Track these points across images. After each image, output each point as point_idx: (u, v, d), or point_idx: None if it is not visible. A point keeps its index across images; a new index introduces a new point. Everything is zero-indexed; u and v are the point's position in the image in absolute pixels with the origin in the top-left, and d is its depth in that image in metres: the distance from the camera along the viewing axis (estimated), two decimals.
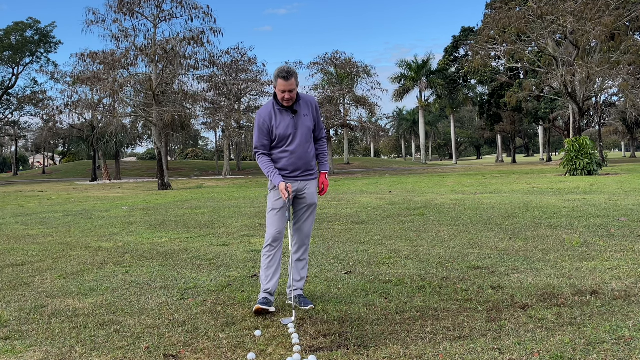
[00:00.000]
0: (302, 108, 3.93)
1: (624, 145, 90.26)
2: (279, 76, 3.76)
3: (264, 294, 3.88)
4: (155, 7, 26.68)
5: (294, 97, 3.83)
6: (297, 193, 3.98)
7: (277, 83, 3.77)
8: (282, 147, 3.91)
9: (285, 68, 3.79)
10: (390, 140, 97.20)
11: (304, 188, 3.99)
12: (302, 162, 3.95)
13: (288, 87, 3.76)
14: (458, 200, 11.62)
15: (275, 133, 3.87)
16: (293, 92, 3.80)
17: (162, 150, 26.86)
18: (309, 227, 4.06)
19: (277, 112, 3.89)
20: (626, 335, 3.07)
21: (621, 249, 5.51)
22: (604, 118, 50.83)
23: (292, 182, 3.93)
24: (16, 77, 46.68)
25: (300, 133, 3.91)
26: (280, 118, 3.87)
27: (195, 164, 65.58)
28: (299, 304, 3.88)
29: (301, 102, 3.94)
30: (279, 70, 3.78)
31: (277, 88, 3.80)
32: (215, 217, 10.30)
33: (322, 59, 42.61)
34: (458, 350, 2.97)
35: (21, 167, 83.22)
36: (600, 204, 9.72)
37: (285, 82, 3.75)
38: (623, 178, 17.91)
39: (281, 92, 3.78)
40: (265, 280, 3.91)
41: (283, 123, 3.87)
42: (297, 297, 3.93)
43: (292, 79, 3.76)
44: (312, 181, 4.04)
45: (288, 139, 3.89)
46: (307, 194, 4.01)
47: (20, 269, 5.69)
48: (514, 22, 29.99)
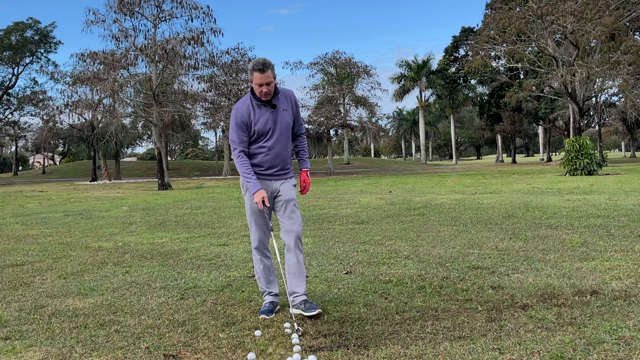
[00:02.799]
0: (281, 102, 3.76)
1: (624, 145, 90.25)
2: (254, 69, 3.58)
3: (270, 298, 3.84)
4: (155, 7, 26.71)
5: (271, 91, 3.65)
6: (273, 194, 3.81)
7: (253, 76, 3.60)
8: (260, 143, 3.73)
9: (261, 60, 3.60)
10: (390, 140, 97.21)
11: (278, 188, 3.81)
12: (279, 160, 3.78)
13: (265, 80, 3.58)
14: (458, 200, 11.62)
15: (253, 129, 3.69)
16: (270, 84, 3.62)
17: (162, 150, 26.87)
18: (296, 225, 3.78)
19: (255, 107, 3.70)
20: (626, 335, 3.07)
21: (621, 249, 5.51)
22: (604, 118, 50.83)
23: (266, 181, 3.77)
24: (16, 77, 46.70)
25: (280, 129, 3.73)
26: (259, 113, 3.69)
27: (195, 164, 65.57)
28: (305, 310, 3.64)
29: (280, 96, 3.76)
30: (254, 62, 3.61)
31: (253, 82, 3.62)
32: (215, 217, 10.30)
33: (322, 59, 42.61)
34: (458, 350, 2.97)
35: (21, 167, 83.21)
36: (600, 204, 9.72)
37: (261, 74, 3.57)
38: (623, 178, 17.91)
39: (258, 85, 3.60)
40: (266, 283, 3.86)
41: (262, 118, 3.69)
42: (302, 302, 3.70)
43: (268, 71, 3.58)
44: (288, 180, 3.85)
45: (267, 135, 3.71)
46: (283, 191, 3.81)
47: (20, 269, 5.69)
48: (514, 22, 30.00)
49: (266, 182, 3.78)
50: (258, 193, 3.63)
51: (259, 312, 3.77)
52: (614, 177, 18.70)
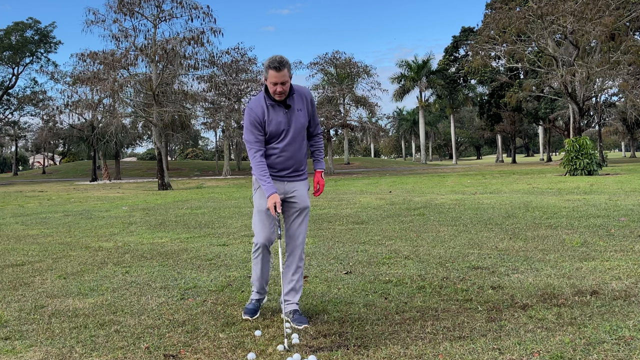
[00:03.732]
0: (295, 102, 3.57)
1: (624, 145, 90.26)
2: (269, 67, 3.39)
3: (257, 296, 3.79)
4: (155, 7, 26.72)
5: (286, 91, 3.45)
6: (285, 196, 3.65)
7: (268, 74, 3.40)
8: (272, 144, 3.57)
9: (277, 58, 3.41)
10: (390, 140, 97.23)
11: (292, 190, 3.65)
12: (292, 162, 3.61)
13: (280, 79, 3.39)
14: (458, 200, 11.62)
15: (267, 129, 3.52)
16: (286, 84, 3.43)
17: (162, 150, 26.86)
18: (303, 233, 3.68)
19: (269, 107, 3.52)
20: (626, 335, 3.07)
21: (621, 249, 5.51)
22: (604, 118, 50.82)
23: (278, 182, 3.62)
24: (16, 77, 46.70)
25: (294, 130, 3.56)
26: (272, 113, 3.51)
27: (195, 164, 65.57)
28: (292, 321, 3.50)
29: (295, 95, 3.56)
30: (270, 60, 3.41)
31: (268, 80, 3.42)
32: (215, 217, 10.30)
33: (322, 59, 42.65)
34: (458, 350, 2.97)
35: (21, 167, 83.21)
36: (600, 204, 9.72)
37: (277, 73, 3.38)
38: (623, 178, 17.91)
39: (272, 84, 3.41)
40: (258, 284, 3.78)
41: (275, 119, 3.52)
42: (292, 312, 3.57)
43: (284, 70, 3.38)
44: (301, 182, 3.68)
45: (280, 136, 3.55)
46: (297, 196, 3.65)
47: (20, 269, 5.69)
48: (514, 22, 30.00)
49: (277, 184, 3.62)
50: (272, 197, 3.46)
51: (244, 310, 3.74)
52: (614, 177, 18.70)
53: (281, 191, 3.63)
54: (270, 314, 3.81)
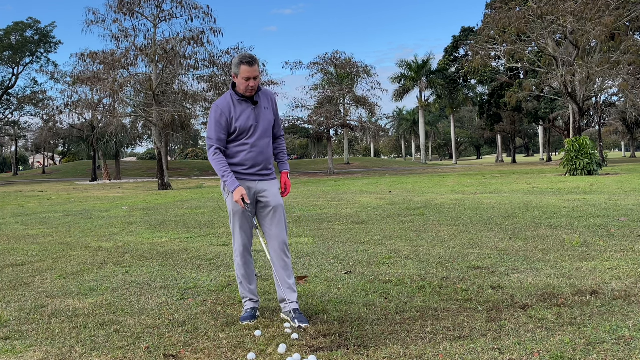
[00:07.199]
0: (262, 100, 3.70)
1: (624, 145, 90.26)
2: (242, 62, 3.52)
3: (251, 304, 3.74)
4: (155, 7, 26.71)
5: (256, 86, 3.60)
6: (257, 196, 3.68)
7: (240, 70, 3.53)
8: (242, 140, 3.62)
9: (247, 54, 3.57)
10: (390, 140, 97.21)
11: (263, 190, 3.68)
12: (262, 158, 3.67)
13: (253, 74, 3.53)
14: (458, 200, 11.62)
15: (234, 125, 3.58)
16: (257, 79, 3.57)
17: (162, 150, 26.87)
18: (283, 231, 3.68)
19: (236, 103, 3.62)
20: (626, 335, 3.07)
21: (621, 249, 5.51)
22: (604, 118, 50.80)
23: (249, 182, 3.64)
24: (16, 77, 46.69)
25: (262, 126, 3.65)
26: (240, 109, 3.61)
27: (195, 164, 65.56)
28: (292, 320, 3.51)
29: (261, 94, 3.70)
30: (242, 56, 3.55)
31: (240, 76, 3.54)
32: (215, 217, 10.30)
33: (322, 59, 42.61)
34: (458, 350, 2.97)
35: (21, 167, 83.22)
36: (600, 204, 9.72)
37: (249, 67, 3.52)
38: (623, 178, 17.91)
39: (245, 79, 3.53)
40: (247, 289, 3.76)
41: (244, 114, 3.60)
42: (293, 311, 3.57)
43: (255, 65, 3.54)
44: (271, 182, 3.73)
45: (249, 132, 3.61)
46: (269, 195, 3.68)
47: (20, 269, 5.69)
48: (514, 22, 29.99)
49: (248, 183, 3.65)
50: (237, 191, 3.51)
51: (241, 318, 3.67)
52: (614, 177, 18.70)
53: (252, 191, 3.66)
54: (270, 314, 3.81)
